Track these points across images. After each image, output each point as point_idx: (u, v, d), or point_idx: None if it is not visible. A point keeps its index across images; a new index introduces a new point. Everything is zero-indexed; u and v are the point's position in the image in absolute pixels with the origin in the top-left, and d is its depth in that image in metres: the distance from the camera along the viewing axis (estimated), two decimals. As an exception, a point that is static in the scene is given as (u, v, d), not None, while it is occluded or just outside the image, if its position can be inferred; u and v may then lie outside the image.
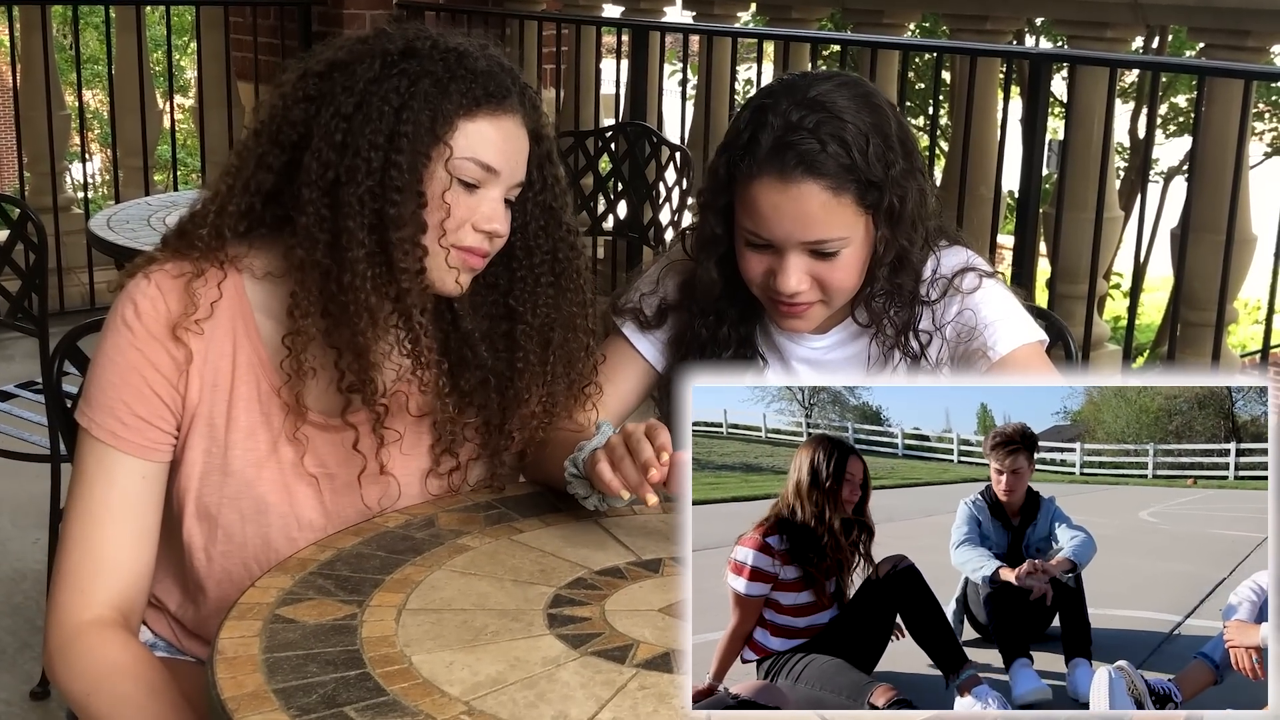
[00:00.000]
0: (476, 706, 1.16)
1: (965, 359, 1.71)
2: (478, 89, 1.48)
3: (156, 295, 1.49)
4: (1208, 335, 3.84)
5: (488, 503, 1.63)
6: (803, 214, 1.60)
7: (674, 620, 1.33)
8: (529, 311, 1.60)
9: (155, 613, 1.66)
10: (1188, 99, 12.22)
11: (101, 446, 1.49)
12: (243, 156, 1.53)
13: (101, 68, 9.89)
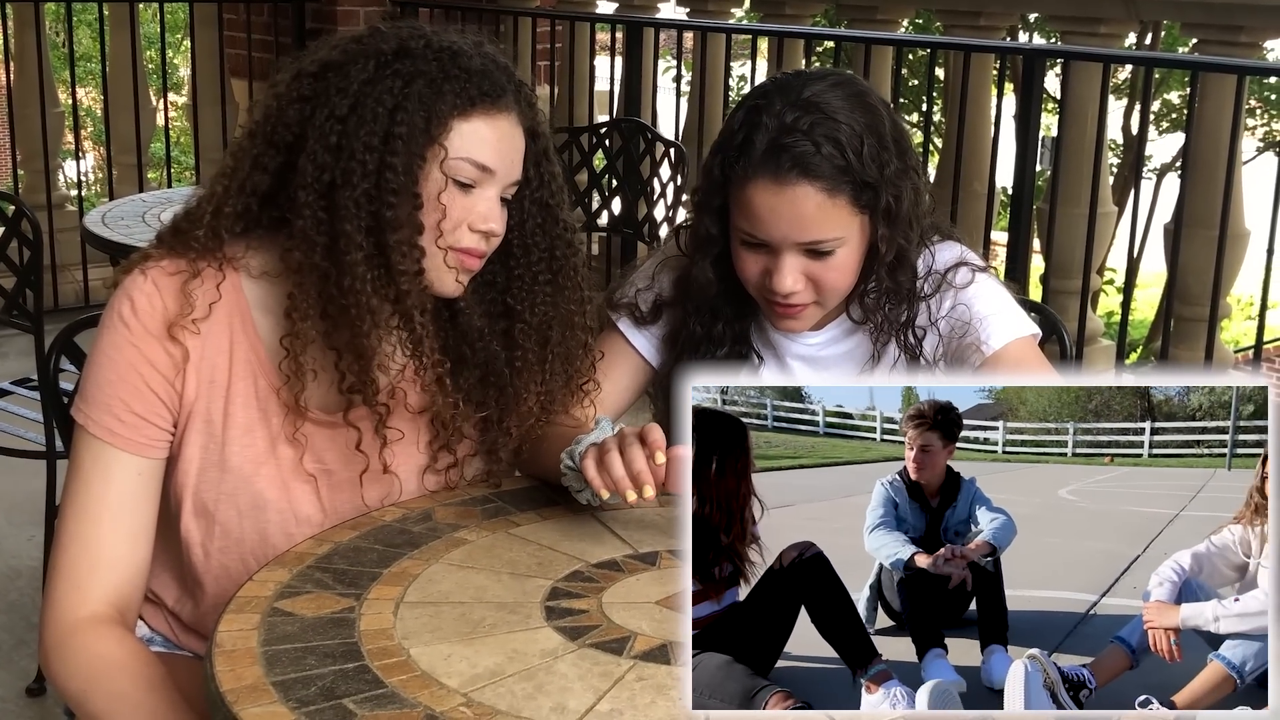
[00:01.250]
0: (475, 698, 1.16)
1: (959, 354, 1.71)
2: (472, 88, 1.48)
3: (153, 292, 1.49)
4: (1201, 330, 3.85)
5: (485, 496, 1.63)
6: (798, 215, 1.61)
7: (671, 612, 1.34)
8: (527, 309, 1.60)
9: (152, 608, 1.66)
10: (1181, 95, 12.23)
11: (98, 443, 1.49)
12: (238, 158, 1.53)
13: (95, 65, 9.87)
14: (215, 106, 5.90)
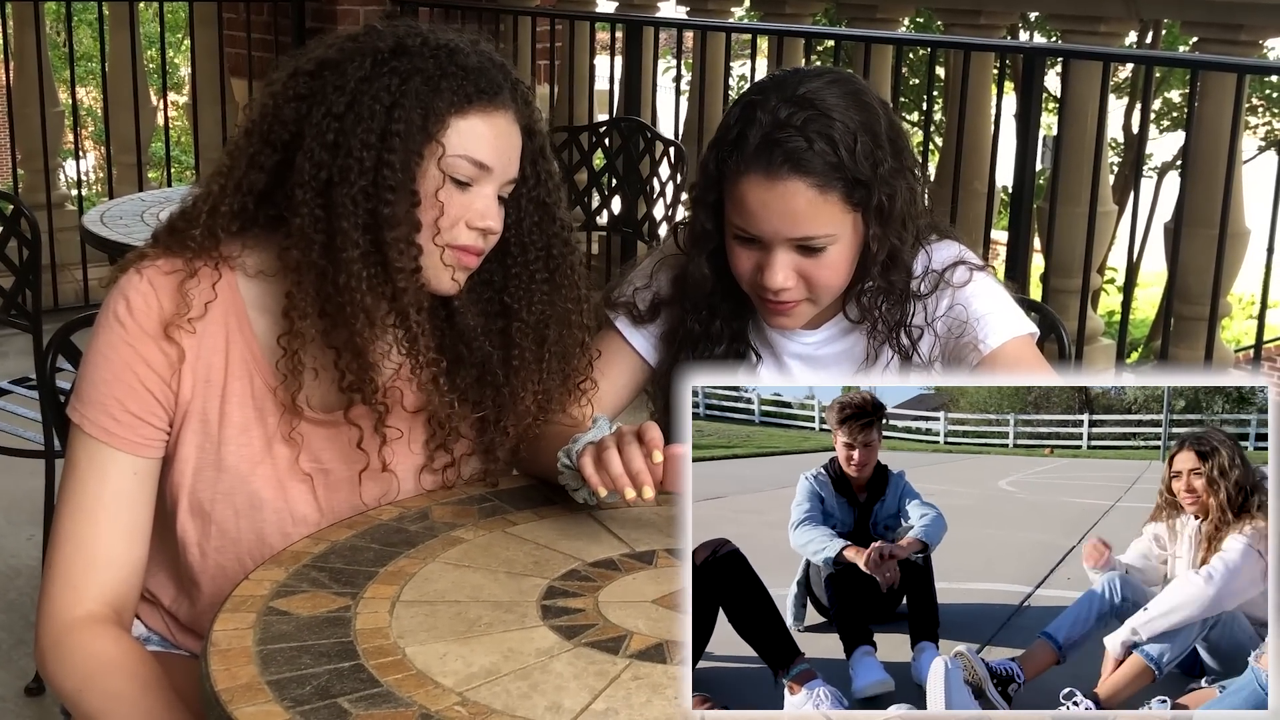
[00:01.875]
0: (470, 697, 1.16)
1: (956, 353, 1.71)
2: (469, 86, 1.48)
3: (149, 291, 1.49)
4: (1201, 329, 3.85)
5: (482, 495, 1.63)
6: (789, 211, 1.61)
7: (667, 611, 1.33)
8: (524, 308, 1.60)
9: (149, 607, 1.66)
10: (1181, 93, 12.22)
11: (94, 443, 1.49)
12: (234, 156, 1.53)
13: (95, 65, 9.87)
14: (215, 106, 5.90)
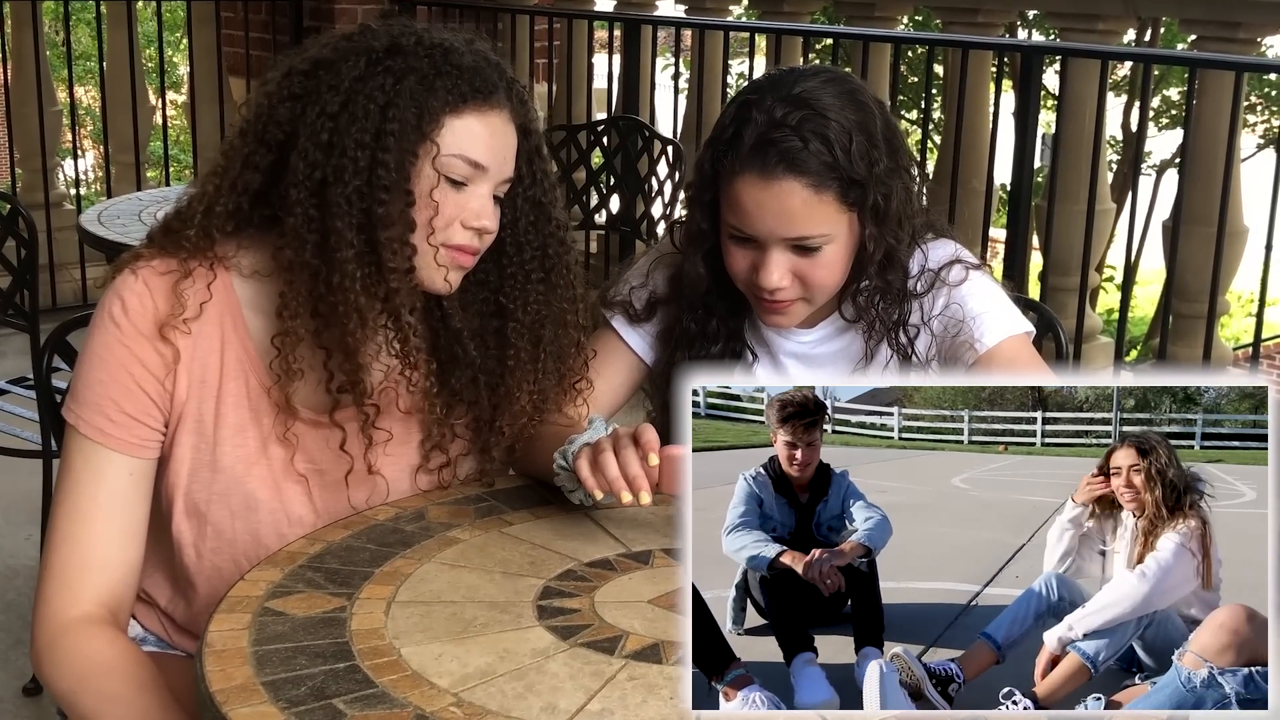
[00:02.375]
0: (465, 698, 1.16)
1: (952, 352, 1.71)
2: (464, 85, 1.48)
3: (144, 292, 1.49)
4: (1200, 327, 3.85)
5: (477, 495, 1.63)
6: (784, 211, 1.61)
7: (663, 611, 1.33)
8: (519, 308, 1.59)
9: (145, 608, 1.66)
10: (1180, 91, 12.22)
11: (89, 444, 1.48)
12: (229, 156, 1.52)
13: (93, 64, 9.87)
14: (213, 105, 5.90)
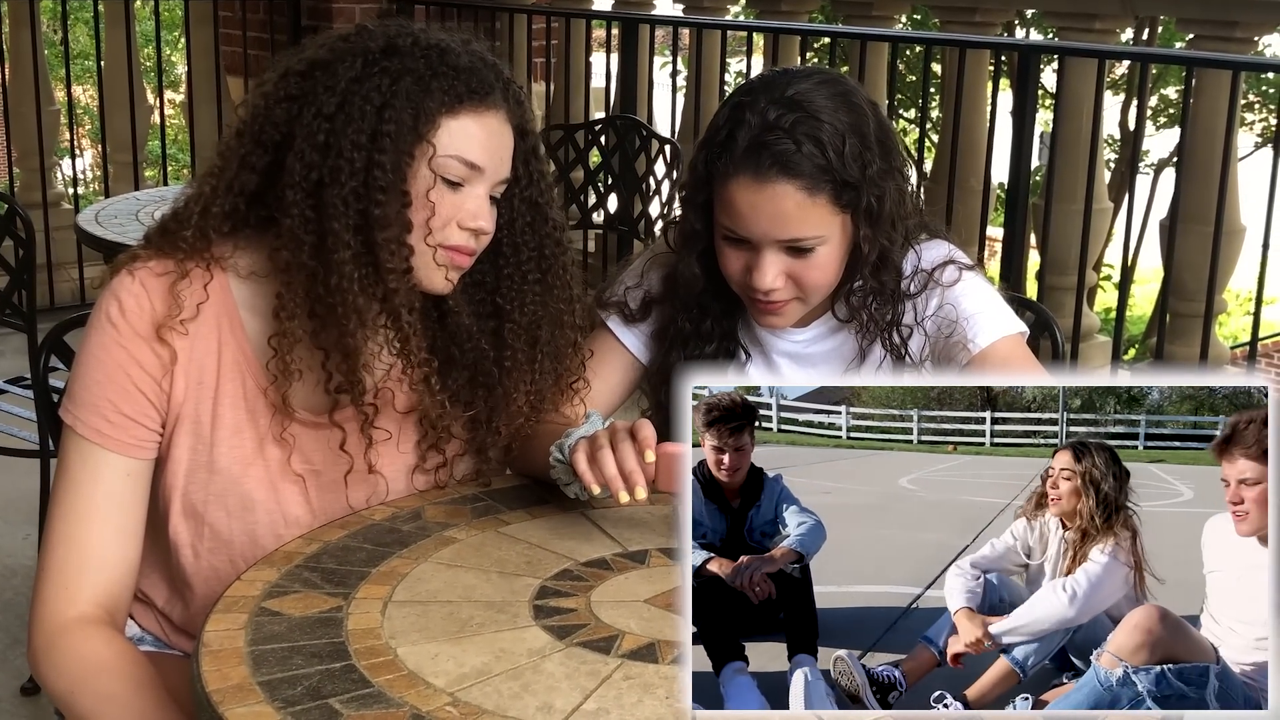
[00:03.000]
0: (461, 698, 1.16)
1: (946, 352, 1.71)
2: (460, 85, 1.48)
3: (141, 292, 1.49)
4: (1197, 326, 3.85)
5: (474, 495, 1.63)
6: (778, 213, 1.61)
7: (659, 611, 1.33)
8: (516, 309, 1.59)
9: (143, 608, 1.66)
10: (1177, 91, 12.22)
11: (86, 444, 1.48)
12: (226, 157, 1.52)
13: (91, 63, 9.86)
14: (211, 104, 5.90)
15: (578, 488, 1.52)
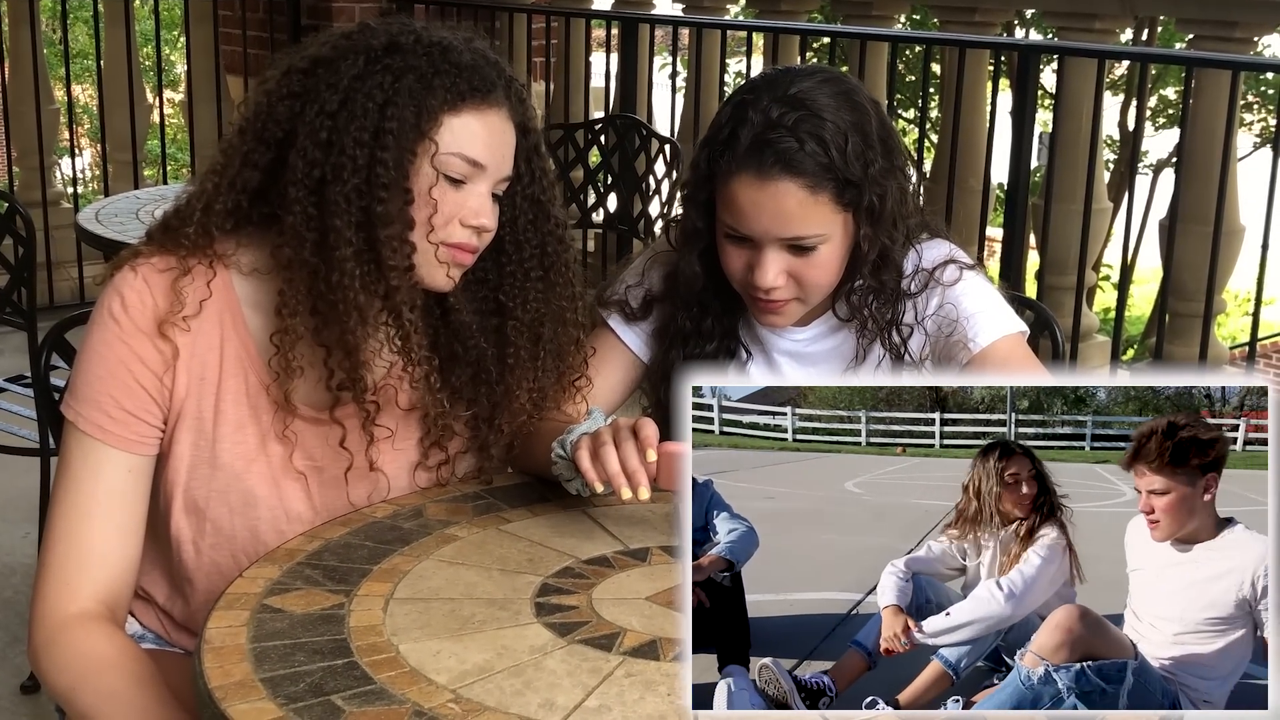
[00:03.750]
0: (463, 694, 1.16)
1: (946, 352, 1.71)
2: (462, 83, 1.48)
3: (144, 289, 1.49)
4: (1196, 326, 3.85)
5: (476, 493, 1.63)
6: (780, 211, 1.61)
7: (661, 608, 1.34)
8: (519, 306, 1.60)
9: (144, 605, 1.66)
10: (1177, 91, 12.23)
11: (88, 440, 1.49)
12: (228, 154, 1.52)
13: (91, 62, 9.85)
14: (211, 103, 5.89)
15: (580, 484, 1.52)
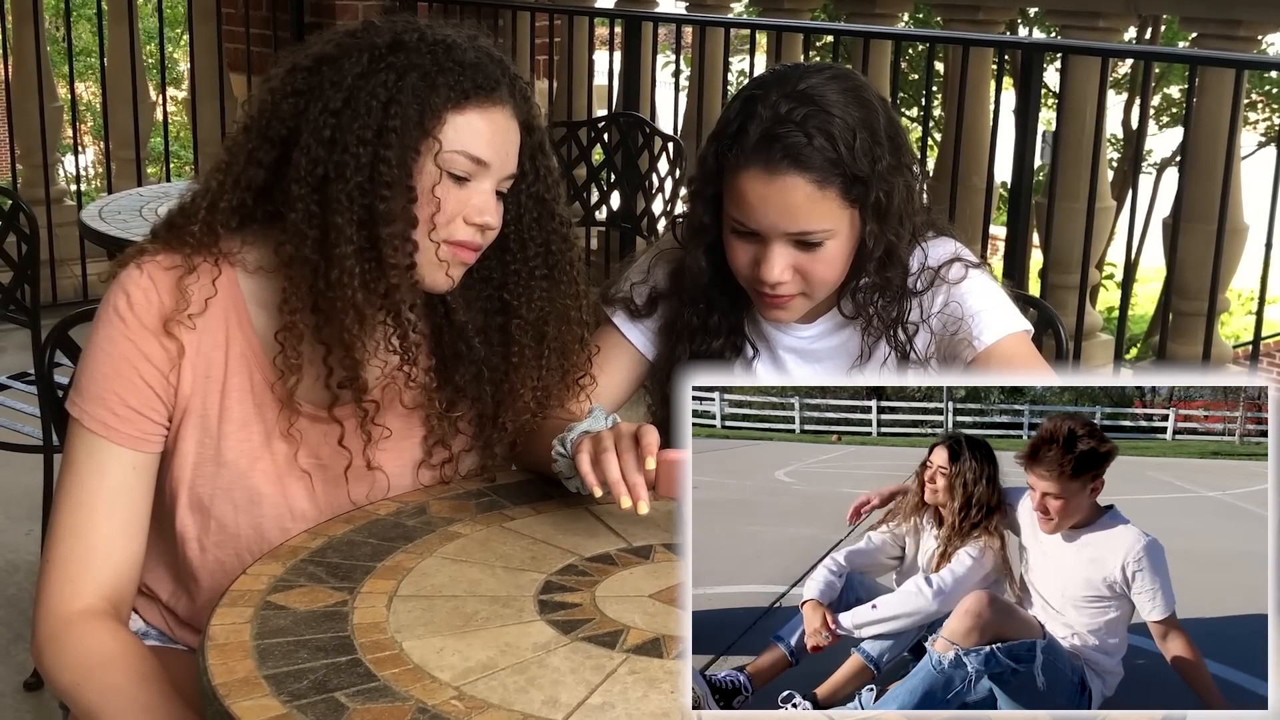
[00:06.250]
0: (467, 691, 1.16)
1: (950, 349, 1.71)
2: (466, 81, 1.48)
3: (149, 286, 1.49)
4: (1200, 325, 3.85)
5: (479, 490, 1.63)
6: (787, 206, 1.61)
7: (664, 606, 1.34)
8: (523, 305, 1.60)
9: (148, 602, 1.66)
10: (1180, 89, 12.21)
11: (92, 437, 1.49)
12: (233, 152, 1.52)
13: (94, 59, 9.86)
14: (214, 101, 5.90)
15: (578, 482, 1.53)
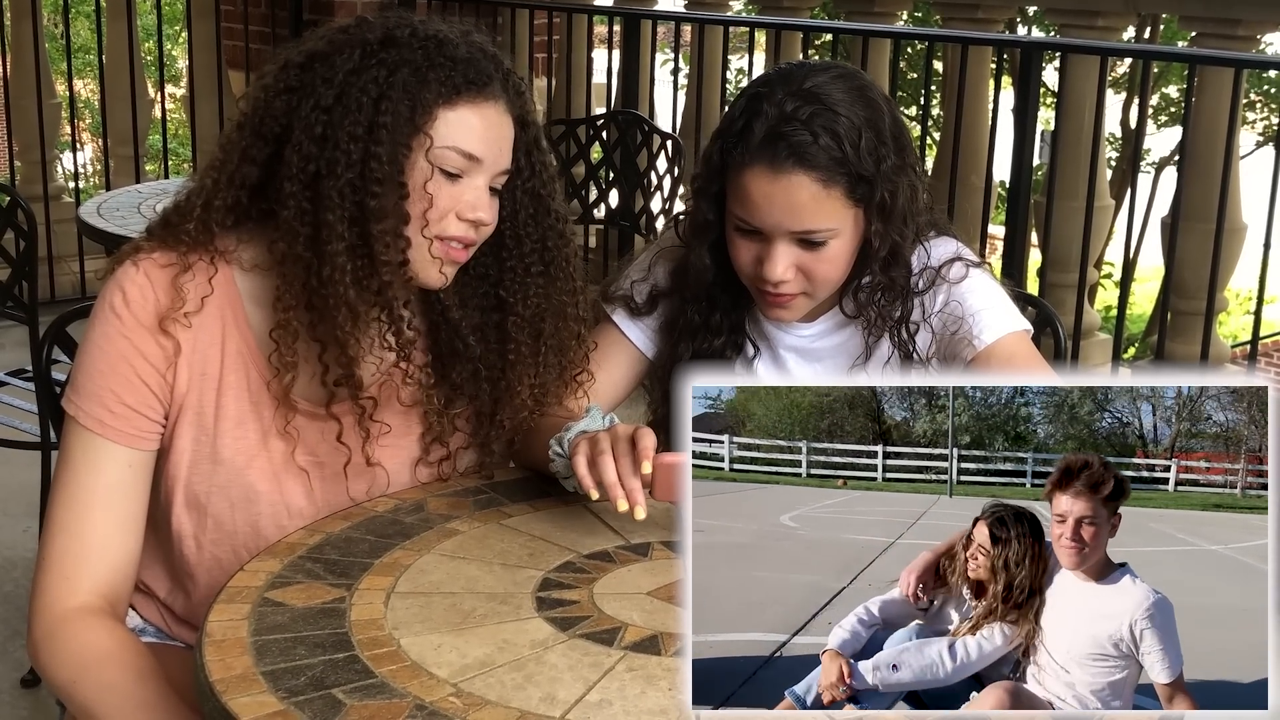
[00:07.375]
0: (464, 688, 1.16)
1: (951, 349, 1.71)
2: (457, 76, 1.47)
3: (145, 284, 1.49)
4: (1198, 325, 3.85)
5: (477, 488, 1.63)
6: (792, 204, 1.61)
7: (662, 603, 1.34)
8: (520, 302, 1.59)
9: (145, 599, 1.66)
10: (1179, 89, 12.22)
11: (88, 434, 1.48)
12: (227, 150, 1.52)
13: (92, 57, 9.85)
14: (212, 98, 5.89)
15: (575, 482, 1.52)
